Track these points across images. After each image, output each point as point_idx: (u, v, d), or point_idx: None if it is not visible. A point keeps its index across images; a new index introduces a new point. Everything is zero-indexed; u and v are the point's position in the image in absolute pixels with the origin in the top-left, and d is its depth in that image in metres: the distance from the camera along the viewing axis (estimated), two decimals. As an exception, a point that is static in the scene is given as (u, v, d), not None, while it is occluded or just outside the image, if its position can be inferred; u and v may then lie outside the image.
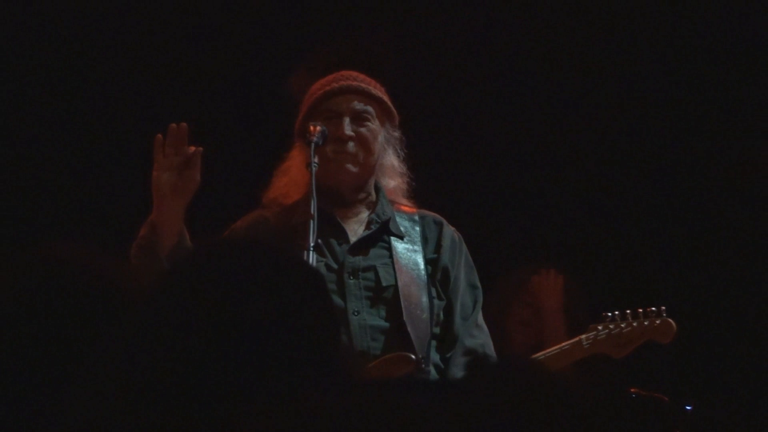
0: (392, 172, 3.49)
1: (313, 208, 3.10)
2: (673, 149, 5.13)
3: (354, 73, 3.44)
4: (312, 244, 3.03)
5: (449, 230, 3.48)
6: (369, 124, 3.36)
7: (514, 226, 5.09)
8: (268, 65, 4.85)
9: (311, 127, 3.26)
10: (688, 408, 4.32)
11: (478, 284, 3.47)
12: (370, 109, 3.38)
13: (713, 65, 5.03)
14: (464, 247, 3.49)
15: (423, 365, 3.19)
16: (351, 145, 3.32)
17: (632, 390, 4.25)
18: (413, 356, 3.15)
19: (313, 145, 3.22)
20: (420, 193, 3.57)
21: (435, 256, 3.41)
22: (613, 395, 4.30)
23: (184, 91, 4.82)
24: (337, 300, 3.22)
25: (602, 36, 5.05)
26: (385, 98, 3.44)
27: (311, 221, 3.08)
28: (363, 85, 3.40)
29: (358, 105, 3.36)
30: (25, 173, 4.82)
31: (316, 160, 3.20)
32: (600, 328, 3.48)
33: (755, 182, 4.95)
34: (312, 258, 3.02)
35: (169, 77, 4.86)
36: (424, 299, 3.30)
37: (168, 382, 1.41)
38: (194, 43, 4.90)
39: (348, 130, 3.32)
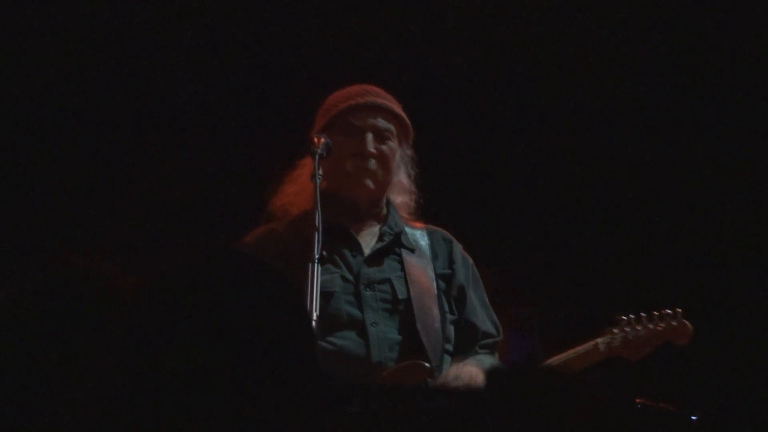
0: (400, 189, 3.52)
1: (318, 220, 3.08)
2: (690, 151, 5.13)
3: (376, 89, 3.46)
4: (317, 257, 3.02)
5: (459, 247, 3.50)
6: (390, 142, 3.38)
7: (524, 231, 5.09)
8: (280, 74, 4.86)
9: (315, 139, 3.26)
10: (694, 418, 4.30)
11: (488, 303, 3.49)
12: (392, 128, 3.40)
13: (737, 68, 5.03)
14: (475, 268, 3.51)
15: (436, 374, 3.19)
16: (372, 162, 3.34)
17: (638, 400, 4.24)
18: (428, 364, 3.15)
19: (317, 157, 3.22)
20: (423, 209, 3.58)
21: (449, 271, 3.43)
22: (619, 406, 4.27)
23: (195, 99, 4.83)
24: (354, 311, 3.23)
25: (608, 42, 5.06)
26: (406, 118, 3.45)
27: (316, 233, 3.06)
28: (388, 103, 3.41)
29: (381, 122, 3.38)
30: (35, 184, 4.82)
31: (320, 171, 3.20)
32: (616, 331, 3.44)
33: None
34: (317, 270, 2.99)
35: (180, 84, 4.86)
36: (436, 311, 3.31)
37: (158, 381, 1.46)
38: (206, 48, 4.90)
39: (371, 146, 3.33)
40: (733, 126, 5.04)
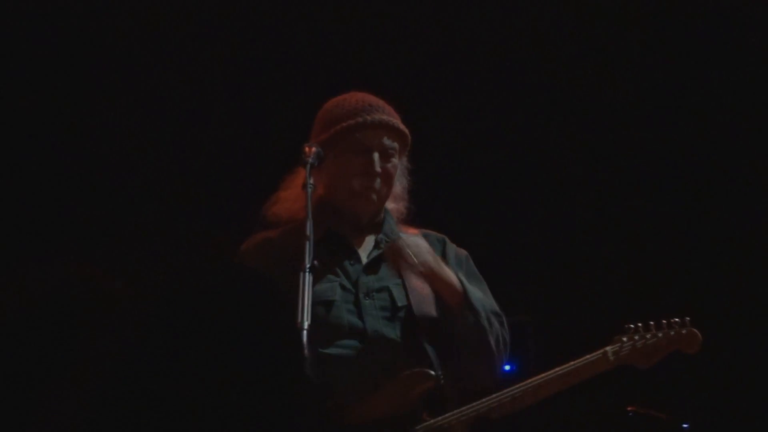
0: (393, 197, 3.53)
1: (309, 229, 3.08)
2: (699, 159, 5.13)
3: (381, 103, 3.45)
4: (308, 266, 3.02)
5: (452, 246, 3.51)
6: (393, 160, 3.41)
7: (520, 236, 5.07)
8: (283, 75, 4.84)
9: (306, 149, 3.27)
10: (685, 426, 4.30)
11: (487, 293, 3.47)
12: (396, 146, 3.42)
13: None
14: (470, 261, 3.51)
15: (442, 381, 3.19)
16: (378, 181, 3.37)
17: (629, 408, 4.22)
18: (433, 372, 3.15)
19: (308, 167, 3.23)
20: (418, 214, 3.58)
21: None
22: (611, 415, 4.27)
23: (189, 102, 4.79)
24: (355, 320, 3.24)
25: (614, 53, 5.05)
26: (408, 132, 3.46)
27: (307, 243, 3.06)
28: (393, 120, 3.42)
29: (387, 141, 3.39)
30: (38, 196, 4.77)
31: (311, 180, 3.21)
32: (625, 339, 3.40)
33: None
34: (308, 279, 2.98)
35: (174, 86, 4.82)
36: (436, 317, 3.31)
37: (149, 387, 1.48)
38: (204, 48, 4.86)
39: (378, 167, 3.35)
40: (739, 128, 5.06)
